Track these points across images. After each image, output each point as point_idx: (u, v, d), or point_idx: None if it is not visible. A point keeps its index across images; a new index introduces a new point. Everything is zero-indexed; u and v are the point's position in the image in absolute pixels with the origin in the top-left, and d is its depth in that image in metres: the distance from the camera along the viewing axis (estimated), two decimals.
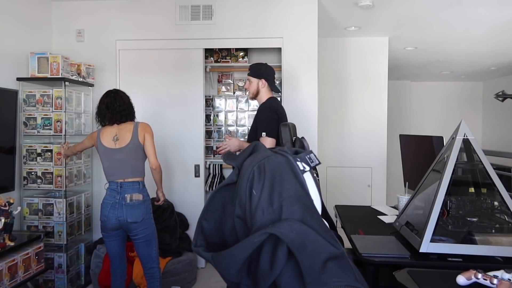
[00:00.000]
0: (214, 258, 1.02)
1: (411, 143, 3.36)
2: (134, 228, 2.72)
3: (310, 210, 1.00)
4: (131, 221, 2.69)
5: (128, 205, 2.69)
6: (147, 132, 2.80)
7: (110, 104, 2.78)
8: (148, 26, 3.96)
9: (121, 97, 2.84)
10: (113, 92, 2.85)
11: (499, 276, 1.44)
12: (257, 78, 2.94)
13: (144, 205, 2.76)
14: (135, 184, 2.74)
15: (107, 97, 2.83)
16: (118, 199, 2.70)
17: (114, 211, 2.69)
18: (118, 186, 2.71)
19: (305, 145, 2.48)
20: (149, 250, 2.81)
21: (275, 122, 2.80)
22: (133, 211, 2.69)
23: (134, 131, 2.77)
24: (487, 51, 5.81)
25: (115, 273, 2.89)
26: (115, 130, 2.77)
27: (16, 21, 3.51)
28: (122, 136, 2.76)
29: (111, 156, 2.74)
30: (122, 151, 2.73)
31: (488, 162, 1.97)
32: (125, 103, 2.83)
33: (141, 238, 2.76)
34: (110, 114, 2.77)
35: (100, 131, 2.81)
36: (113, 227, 2.72)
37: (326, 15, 4.20)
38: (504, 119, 8.10)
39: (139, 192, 2.74)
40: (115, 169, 2.74)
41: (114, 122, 2.78)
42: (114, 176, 2.74)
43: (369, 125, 5.24)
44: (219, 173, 4.50)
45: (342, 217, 2.63)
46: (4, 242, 2.72)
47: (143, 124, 2.82)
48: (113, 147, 2.74)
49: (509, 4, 3.80)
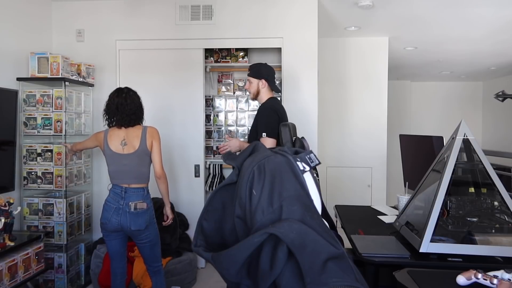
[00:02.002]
0: (214, 258, 1.02)
1: (411, 143, 3.36)
2: (138, 234, 2.69)
3: (310, 210, 1.00)
4: (134, 229, 2.65)
5: (132, 213, 2.64)
6: (155, 139, 2.73)
7: (121, 106, 2.67)
8: (148, 26, 3.96)
9: (133, 99, 2.72)
10: (125, 92, 2.73)
11: (499, 276, 1.44)
12: (257, 79, 2.93)
13: (148, 213, 2.71)
14: (139, 191, 2.68)
15: (118, 96, 2.71)
16: (122, 205, 2.64)
17: (117, 217, 2.63)
18: (122, 191, 2.65)
19: (305, 145, 2.48)
20: (154, 251, 2.80)
21: (275, 122, 2.80)
22: (137, 219, 2.65)
23: (142, 136, 2.69)
24: (487, 51, 5.81)
25: (115, 273, 2.86)
26: (123, 134, 2.69)
27: (16, 21, 3.51)
28: (130, 141, 2.68)
29: (118, 161, 2.68)
30: (129, 157, 2.67)
31: (488, 162, 1.97)
32: (136, 105, 2.72)
33: (146, 243, 2.74)
34: (120, 117, 2.68)
35: (107, 133, 2.72)
36: (113, 229, 2.69)
37: (326, 15, 4.20)
38: (504, 119, 8.10)
39: (143, 200, 2.68)
40: (121, 173, 2.68)
41: (123, 125, 2.70)
42: (118, 180, 2.69)
43: (369, 125, 5.24)
44: (219, 173, 4.50)
45: (342, 217, 2.63)
46: (4, 242, 2.72)
47: (151, 130, 2.74)
48: (120, 152, 2.67)
49: (509, 4, 3.80)
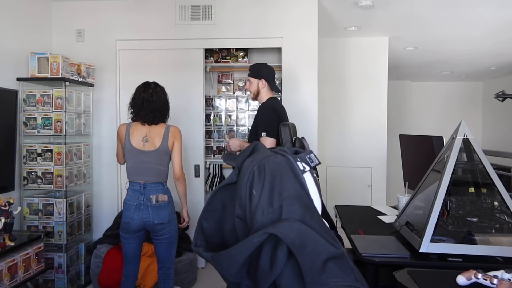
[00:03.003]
0: (214, 258, 1.02)
1: (411, 143, 3.36)
2: (160, 229, 2.66)
3: (310, 210, 1.00)
4: (158, 223, 2.62)
5: (154, 206, 2.62)
6: (177, 139, 2.69)
7: (146, 102, 2.63)
8: (148, 26, 3.96)
9: (159, 95, 2.67)
10: (152, 88, 2.67)
11: (499, 276, 1.44)
12: (257, 79, 2.94)
13: (169, 206, 2.69)
14: (158, 185, 2.66)
15: (144, 91, 2.66)
16: (142, 200, 2.61)
17: (139, 213, 2.61)
18: (141, 187, 2.63)
19: (305, 145, 2.48)
20: (170, 250, 2.77)
21: (275, 122, 2.80)
22: (160, 212, 2.63)
23: (164, 135, 2.65)
24: (487, 51, 5.81)
25: (128, 275, 2.82)
26: (146, 130, 2.66)
27: (16, 21, 3.51)
28: (151, 139, 2.65)
29: (137, 157, 2.65)
30: (149, 155, 2.64)
31: (488, 162, 1.97)
32: (162, 103, 2.67)
33: (165, 239, 2.71)
34: (144, 113, 2.64)
35: (130, 127, 2.68)
36: (137, 228, 2.66)
37: (326, 15, 4.20)
38: (504, 119, 8.10)
39: (164, 193, 2.67)
40: (139, 170, 2.66)
41: (146, 122, 2.66)
42: (136, 176, 2.66)
43: (369, 125, 5.24)
44: (219, 173, 4.50)
45: (342, 217, 2.63)
46: (4, 242, 2.72)
47: (174, 129, 2.71)
48: (141, 149, 2.64)
49: (509, 4, 3.80)
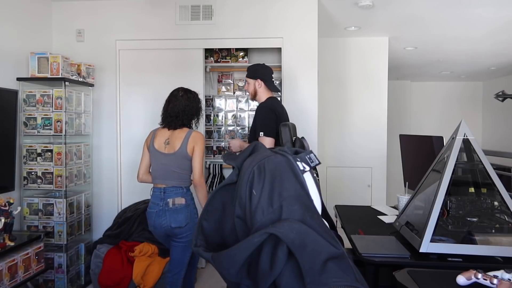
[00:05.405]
0: (214, 258, 1.02)
1: (411, 143, 3.36)
2: (178, 233, 2.63)
3: (310, 210, 1.00)
4: (174, 226, 2.60)
5: (171, 209, 2.61)
6: (197, 144, 2.66)
7: (171, 110, 2.70)
8: (148, 26, 3.96)
9: (179, 102, 2.71)
10: (174, 95, 2.75)
11: (499, 276, 1.44)
12: (253, 79, 2.98)
13: (188, 209, 2.65)
14: (178, 189, 2.65)
15: (169, 97, 2.76)
16: (162, 206, 2.62)
17: (159, 219, 2.62)
18: (161, 192, 2.64)
19: (305, 145, 2.48)
20: (184, 255, 2.71)
21: (273, 121, 2.80)
22: (176, 216, 2.61)
23: (184, 139, 2.66)
24: (487, 51, 5.81)
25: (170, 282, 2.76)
26: (168, 134, 2.71)
27: (16, 21, 3.51)
28: (172, 142, 2.68)
29: (158, 159, 2.68)
30: (168, 157, 2.66)
31: (488, 162, 1.97)
32: (180, 109, 2.69)
33: (183, 243, 2.67)
34: (164, 117, 2.73)
35: (156, 131, 2.77)
36: (161, 235, 2.67)
37: (326, 15, 4.20)
38: (504, 119, 8.10)
39: (182, 196, 2.65)
40: (160, 172, 2.68)
41: (166, 127, 2.73)
42: (158, 179, 2.68)
43: (369, 125, 5.24)
44: (219, 173, 4.49)
45: (342, 217, 2.63)
46: (4, 242, 2.72)
47: (195, 134, 2.70)
48: (162, 151, 2.68)
49: (509, 4, 3.80)
